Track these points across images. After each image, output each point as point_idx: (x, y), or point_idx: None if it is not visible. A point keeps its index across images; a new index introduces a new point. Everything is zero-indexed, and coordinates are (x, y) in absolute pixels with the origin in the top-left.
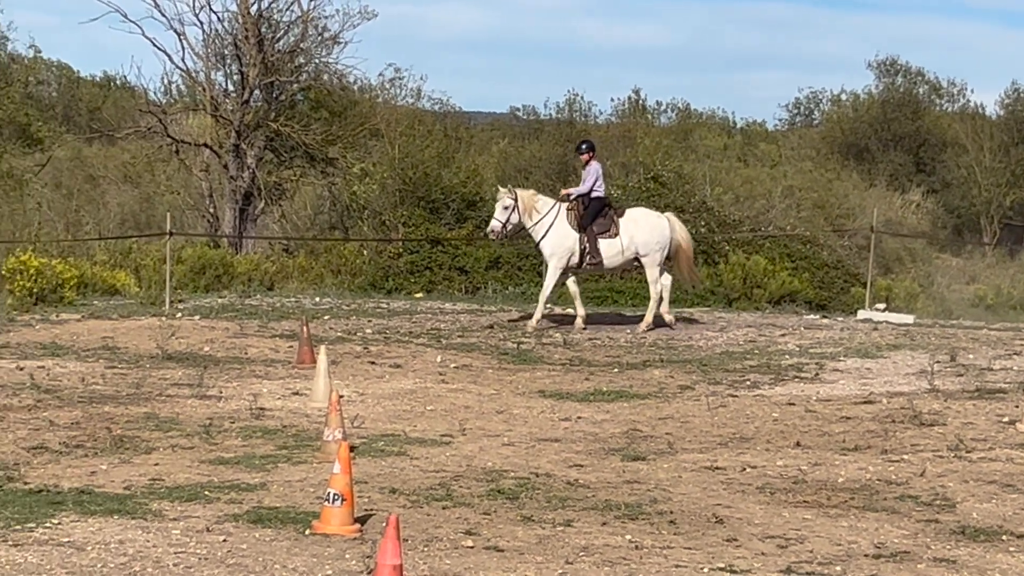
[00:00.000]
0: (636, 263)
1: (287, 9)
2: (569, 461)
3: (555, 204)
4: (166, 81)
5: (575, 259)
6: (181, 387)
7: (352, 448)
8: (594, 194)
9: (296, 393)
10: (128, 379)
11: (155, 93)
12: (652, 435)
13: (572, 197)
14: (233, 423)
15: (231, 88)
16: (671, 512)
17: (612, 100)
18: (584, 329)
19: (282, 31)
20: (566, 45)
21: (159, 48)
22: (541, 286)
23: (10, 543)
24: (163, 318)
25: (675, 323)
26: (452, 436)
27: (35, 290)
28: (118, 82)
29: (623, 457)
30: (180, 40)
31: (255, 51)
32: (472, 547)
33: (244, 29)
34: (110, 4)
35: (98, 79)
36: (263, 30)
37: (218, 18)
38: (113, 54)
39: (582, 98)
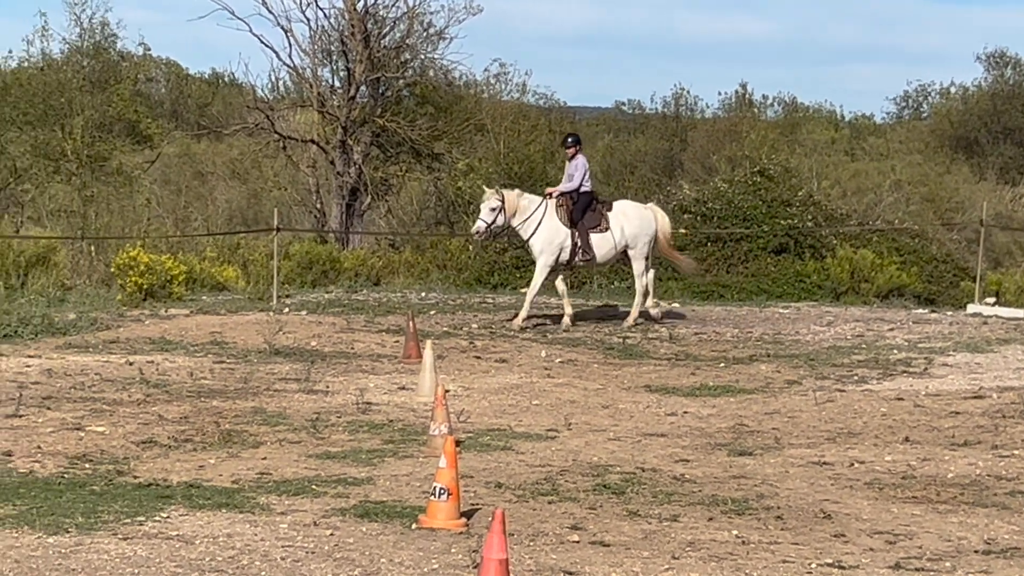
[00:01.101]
0: (623, 256)
1: (393, 5)
2: (675, 456)
3: (542, 201)
4: (273, 78)
5: (565, 255)
6: (288, 382)
7: (458, 443)
8: (583, 189)
9: (402, 388)
10: (236, 374)
11: (263, 90)
12: (759, 430)
13: (559, 194)
14: (340, 418)
15: (338, 84)
16: (778, 508)
17: (719, 94)
18: (571, 327)
19: (388, 27)
20: (672, 39)
21: (266, 45)
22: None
23: (120, 536)
24: (270, 313)
25: (661, 317)
26: (557, 431)
27: (145, 285)
28: (226, 79)
29: (729, 452)
30: (287, 37)
31: (361, 47)
32: (578, 542)
33: (350, 25)
34: (218, 2)
35: (206, 76)
36: (369, 26)
37: (325, 15)
38: (221, 51)
39: (688, 92)
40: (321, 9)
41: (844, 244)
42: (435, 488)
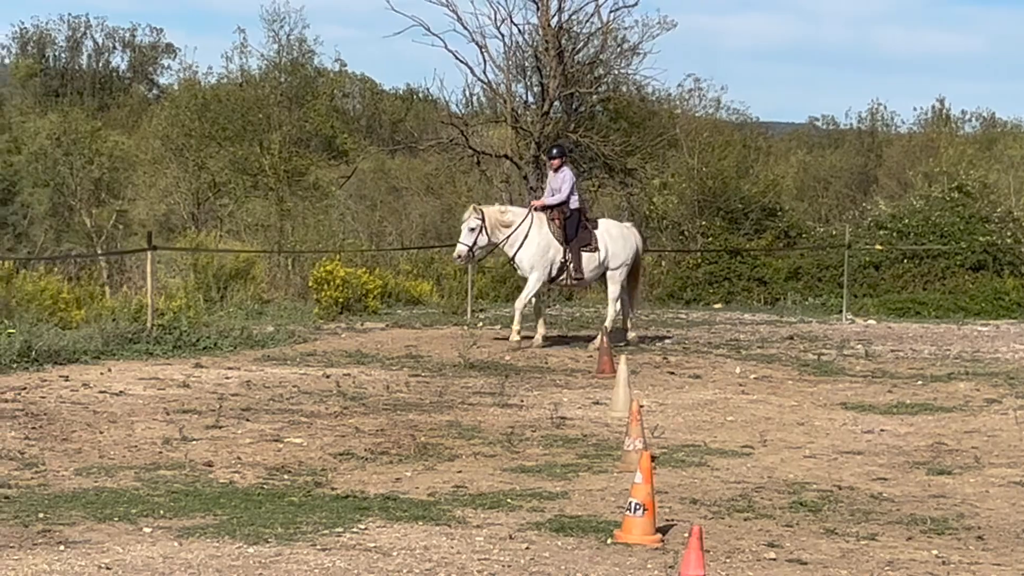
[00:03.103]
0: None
1: (587, 21)
2: (872, 474)
3: (527, 213)
4: (467, 93)
5: (552, 271)
6: (483, 395)
7: (653, 458)
8: (573, 205)
9: (596, 403)
10: (431, 387)
11: (456, 105)
12: (958, 449)
13: (548, 207)
14: (534, 432)
15: (531, 100)
16: (979, 528)
17: (914, 109)
18: (545, 346)
19: (582, 43)
20: (869, 53)
21: (461, 61)
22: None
23: (318, 547)
24: (465, 327)
25: (636, 339)
26: (753, 447)
27: (341, 299)
28: (420, 95)
29: (928, 471)
30: (482, 53)
31: (555, 63)
32: (775, 559)
33: (545, 41)
34: (413, 18)
35: (400, 92)
36: (563, 42)
37: (519, 30)
38: (415, 67)
39: (884, 107)
40: (515, 25)
41: None
42: (631, 503)
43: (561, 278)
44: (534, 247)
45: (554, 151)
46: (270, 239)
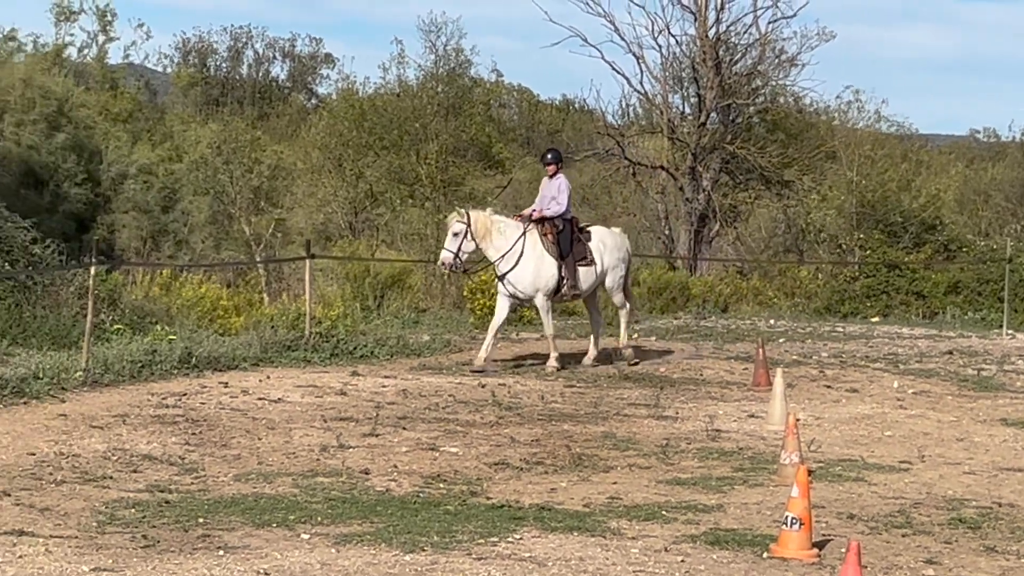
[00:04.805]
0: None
1: (745, 32)
2: None
3: (521, 230)
4: (624, 104)
5: (551, 289)
6: (638, 407)
7: (809, 472)
8: (568, 215)
9: (752, 415)
10: (586, 398)
11: (612, 116)
12: None
13: (543, 217)
14: (689, 444)
15: (688, 111)
16: None
17: None
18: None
19: (740, 54)
20: None
21: (618, 71)
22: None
23: (474, 556)
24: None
25: (626, 354)
26: (911, 463)
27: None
28: (577, 105)
29: None
30: (639, 64)
31: (712, 74)
32: None
33: (702, 52)
34: (571, 29)
35: (557, 102)
36: (721, 53)
37: (676, 41)
38: (572, 78)
39: None
40: (673, 36)
41: None
42: (787, 517)
43: (559, 294)
44: (531, 268)
45: (549, 156)
46: (426, 248)
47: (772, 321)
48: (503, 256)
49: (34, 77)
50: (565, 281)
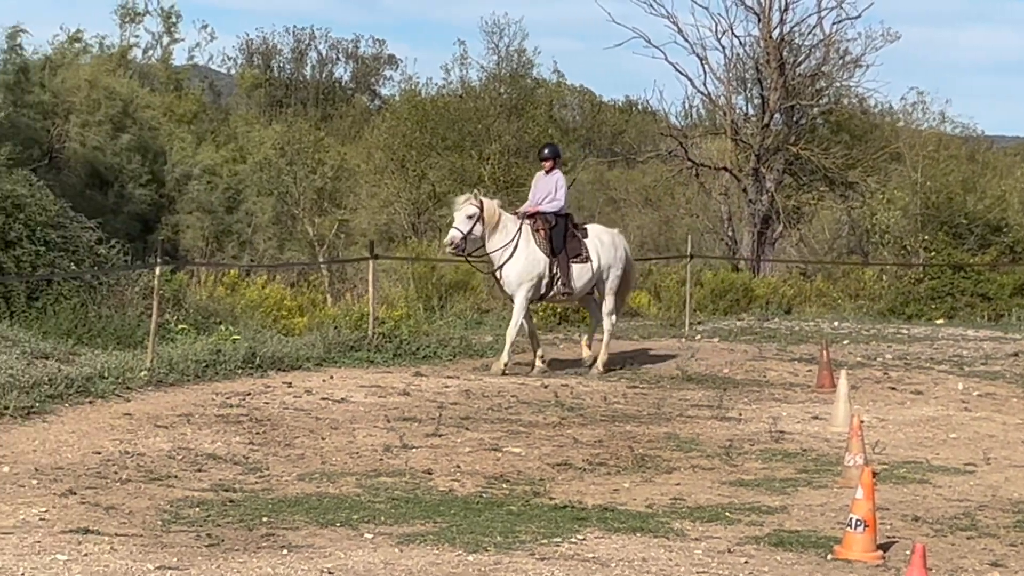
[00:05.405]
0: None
1: (809, 33)
2: None
3: (518, 223)
4: (687, 105)
5: (541, 288)
6: (701, 408)
7: (874, 474)
8: (563, 212)
9: (816, 417)
10: (649, 399)
11: (675, 117)
12: None
13: (537, 213)
14: (753, 445)
15: (751, 112)
16: None
17: None
18: (545, 372)
19: (803, 55)
20: None
21: (681, 72)
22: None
23: (537, 557)
24: (683, 339)
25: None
26: (976, 465)
27: (558, 309)
28: (640, 107)
29: None
30: (702, 65)
31: (776, 75)
32: None
33: (766, 53)
34: (634, 30)
35: (619, 104)
36: (784, 54)
37: (740, 42)
38: (634, 79)
39: None
40: (737, 37)
41: None
42: (851, 519)
43: (550, 294)
44: (522, 263)
45: (546, 151)
46: None
47: (836, 323)
48: (502, 246)
49: (99, 78)
50: (557, 279)
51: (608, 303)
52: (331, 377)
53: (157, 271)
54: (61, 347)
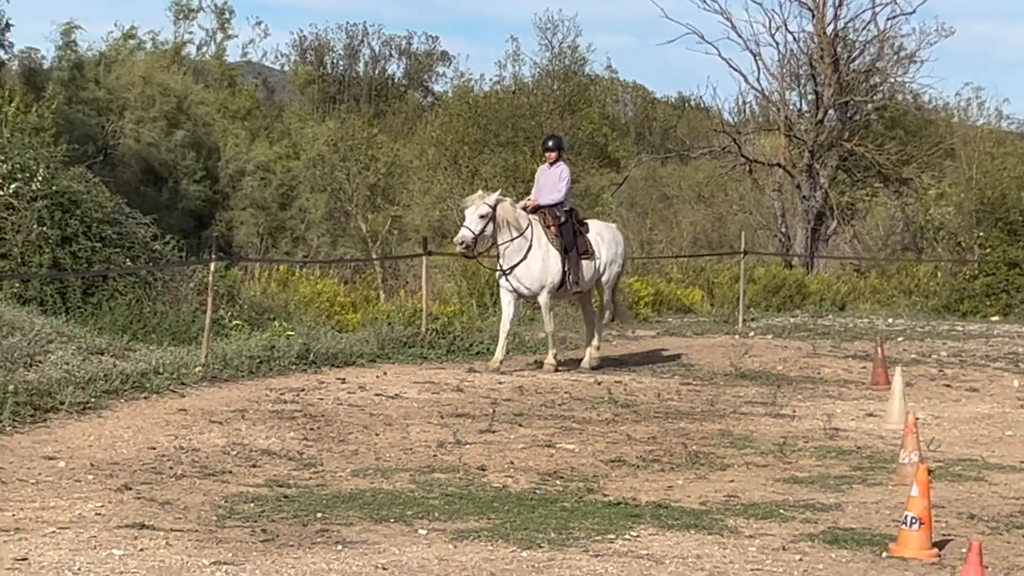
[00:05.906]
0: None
1: (863, 29)
2: None
3: (529, 221)
4: (740, 101)
5: (555, 285)
6: (755, 405)
7: (929, 471)
8: (568, 206)
9: (870, 414)
10: (702, 396)
11: (729, 113)
12: None
13: (538, 206)
14: (807, 442)
15: (805, 108)
16: None
17: None
18: (558, 369)
19: (858, 51)
20: None
21: (734, 68)
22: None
23: (591, 553)
24: (736, 336)
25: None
26: None
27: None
28: (692, 103)
29: None
30: (755, 61)
31: (830, 71)
32: None
33: (820, 49)
34: (688, 26)
35: (672, 100)
36: (839, 50)
37: (794, 38)
38: (687, 75)
39: None
40: (790, 33)
41: None
42: (906, 517)
43: (561, 290)
44: (539, 263)
45: (550, 142)
46: None
47: (890, 319)
48: (510, 248)
49: (154, 75)
50: (568, 275)
51: (607, 296)
52: (384, 373)
53: (211, 267)
54: (116, 343)
